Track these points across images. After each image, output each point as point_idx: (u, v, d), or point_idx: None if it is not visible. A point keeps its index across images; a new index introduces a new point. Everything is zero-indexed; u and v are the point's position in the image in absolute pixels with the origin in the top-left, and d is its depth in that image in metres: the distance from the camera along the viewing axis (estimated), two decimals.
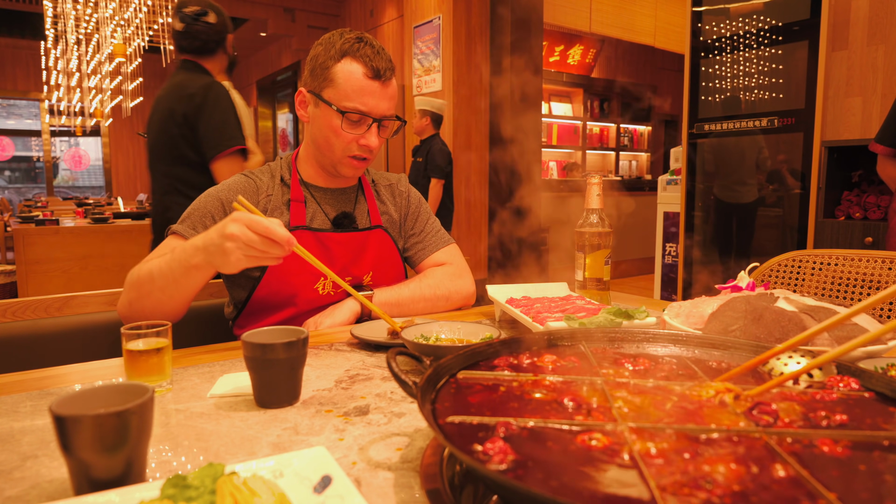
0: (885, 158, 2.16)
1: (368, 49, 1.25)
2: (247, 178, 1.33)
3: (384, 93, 1.26)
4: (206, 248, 1.00)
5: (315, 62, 1.27)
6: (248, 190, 1.30)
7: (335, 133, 1.26)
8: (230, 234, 0.95)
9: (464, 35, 4.71)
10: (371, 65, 1.24)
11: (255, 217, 0.96)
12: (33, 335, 1.24)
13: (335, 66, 1.24)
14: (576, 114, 8.39)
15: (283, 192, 1.34)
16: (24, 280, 3.80)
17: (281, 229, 0.96)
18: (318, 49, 1.28)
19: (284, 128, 10.30)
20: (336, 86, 1.24)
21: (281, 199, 1.33)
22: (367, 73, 1.24)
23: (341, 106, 1.24)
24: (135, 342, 0.83)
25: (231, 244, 0.95)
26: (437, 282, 1.41)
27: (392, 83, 1.28)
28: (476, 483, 0.55)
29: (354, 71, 1.23)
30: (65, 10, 6.08)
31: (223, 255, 0.97)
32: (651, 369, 0.69)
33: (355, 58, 1.24)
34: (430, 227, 1.51)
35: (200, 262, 1.03)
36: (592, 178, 1.31)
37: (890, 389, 0.60)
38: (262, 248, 0.96)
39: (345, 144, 1.27)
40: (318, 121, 1.29)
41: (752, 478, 0.44)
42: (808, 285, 1.60)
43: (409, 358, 0.71)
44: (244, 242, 0.95)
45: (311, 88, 1.29)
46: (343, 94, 1.24)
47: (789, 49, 3.01)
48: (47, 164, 10.55)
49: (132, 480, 0.55)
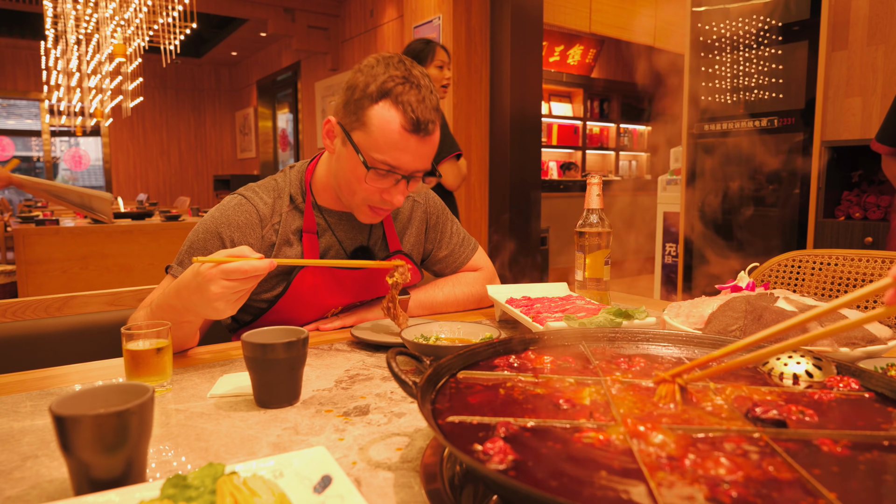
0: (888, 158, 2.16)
1: (413, 94, 1.06)
2: (248, 203, 1.18)
3: (421, 149, 1.10)
4: (193, 310, 0.94)
5: (351, 93, 1.10)
6: (250, 223, 1.16)
7: (357, 181, 1.12)
8: (215, 295, 0.88)
9: (464, 35, 4.71)
10: (411, 116, 1.06)
11: (227, 267, 0.88)
12: (33, 335, 1.24)
13: (371, 107, 1.07)
14: (576, 114, 8.39)
15: (294, 217, 1.21)
16: (24, 280, 3.79)
17: (255, 262, 0.89)
18: (359, 78, 1.09)
19: (284, 128, 10.30)
20: (368, 131, 1.08)
21: (291, 226, 1.20)
22: (406, 125, 1.06)
23: (369, 157, 1.08)
24: (135, 342, 0.83)
25: (220, 303, 0.89)
26: (469, 288, 1.41)
27: (434, 135, 1.11)
28: (476, 483, 0.55)
29: (391, 120, 1.06)
30: (65, 10, 6.08)
31: (216, 312, 0.91)
32: (651, 369, 0.69)
33: (396, 104, 1.06)
34: (455, 238, 1.43)
35: (192, 319, 0.98)
36: (592, 178, 1.31)
37: (890, 389, 0.60)
38: (246, 286, 0.91)
39: (366, 194, 1.13)
40: (342, 161, 1.14)
41: (753, 477, 0.44)
42: (808, 285, 1.60)
43: (409, 358, 0.71)
44: (230, 294, 0.89)
45: (341, 122, 1.12)
46: (373, 144, 1.08)
47: (789, 49, 3.01)
48: (47, 164, 10.55)
49: (132, 480, 0.55)
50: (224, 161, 11.72)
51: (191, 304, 0.93)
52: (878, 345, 0.85)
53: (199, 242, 1.14)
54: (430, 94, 1.09)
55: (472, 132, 4.75)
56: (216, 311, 0.91)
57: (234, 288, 0.89)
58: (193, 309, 0.94)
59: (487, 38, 4.81)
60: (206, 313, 0.93)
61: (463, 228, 1.48)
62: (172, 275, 1.13)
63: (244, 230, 1.16)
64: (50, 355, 1.22)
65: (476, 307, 1.43)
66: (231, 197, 1.20)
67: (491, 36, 4.79)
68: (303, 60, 8.64)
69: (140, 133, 11.03)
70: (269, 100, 10.42)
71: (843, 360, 0.66)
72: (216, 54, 10.51)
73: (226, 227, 1.15)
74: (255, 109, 10.48)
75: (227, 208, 1.17)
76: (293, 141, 9.89)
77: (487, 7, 4.75)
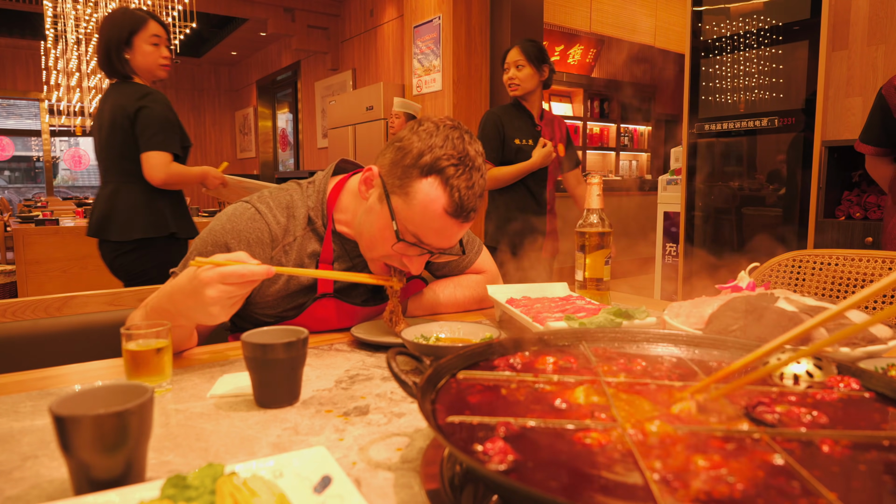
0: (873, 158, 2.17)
1: (464, 180, 1.02)
2: (261, 219, 1.13)
3: (457, 232, 1.06)
4: (186, 315, 0.92)
5: (402, 156, 1.04)
6: (261, 241, 1.12)
7: (383, 242, 1.07)
8: (211, 299, 0.86)
9: (464, 35, 4.71)
10: (458, 202, 1.01)
11: (225, 270, 0.86)
12: (33, 335, 1.24)
13: (419, 179, 1.01)
14: (576, 114, 8.39)
15: (311, 241, 1.16)
16: (24, 280, 3.79)
17: (254, 267, 0.88)
18: (414, 140, 1.04)
19: (284, 128, 10.31)
20: (409, 202, 1.02)
21: (306, 249, 1.16)
22: (450, 209, 1.01)
23: (402, 228, 1.04)
24: (134, 342, 0.83)
25: (215, 308, 0.88)
26: (471, 291, 1.40)
27: (472, 219, 1.06)
28: (476, 483, 0.55)
29: (435, 199, 1.01)
30: (65, 10, 6.08)
31: (210, 318, 0.89)
32: (651, 369, 0.69)
33: (445, 185, 1.01)
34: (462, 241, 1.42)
35: (185, 323, 0.96)
36: (592, 178, 1.31)
37: (890, 389, 0.60)
38: (243, 291, 0.89)
39: (386, 253, 1.09)
40: (372, 216, 1.08)
41: (753, 477, 0.44)
42: (808, 285, 1.60)
43: (409, 358, 0.71)
44: (226, 299, 0.88)
45: (384, 178, 1.07)
46: (410, 217, 1.03)
47: (789, 49, 3.01)
48: (47, 163, 10.55)
49: (132, 480, 0.55)
50: (224, 161, 11.72)
51: (184, 308, 0.91)
52: (878, 345, 0.85)
53: (205, 250, 1.11)
54: (481, 178, 1.05)
55: (472, 132, 4.74)
56: (210, 315, 0.89)
57: (230, 292, 0.87)
58: (186, 313, 0.92)
59: (487, 38, 4.81)
60: (199, 318, 0.91)
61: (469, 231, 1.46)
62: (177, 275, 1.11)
63: (253, 247, 1.12)
64: (50, 355, 1.22)
65: (477, 308, 1.43)
66: (245, 207, 1.15)
67: (491, 36, 4.79)
68: (303, 60, 8.64)
69: None
70: (268, 100, 10.43)
71: (843, 360, 0.66)
72: (216, 54, 10.51)
73: (234, 241, 1.11)
74: (255, 109, 10.47)
75: (240, 221, 1.13)
76: (293, 141, 9.89)
77: (487, 7, 4.75)
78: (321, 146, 8.21)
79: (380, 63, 6.86)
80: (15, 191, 11.90)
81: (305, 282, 1.16)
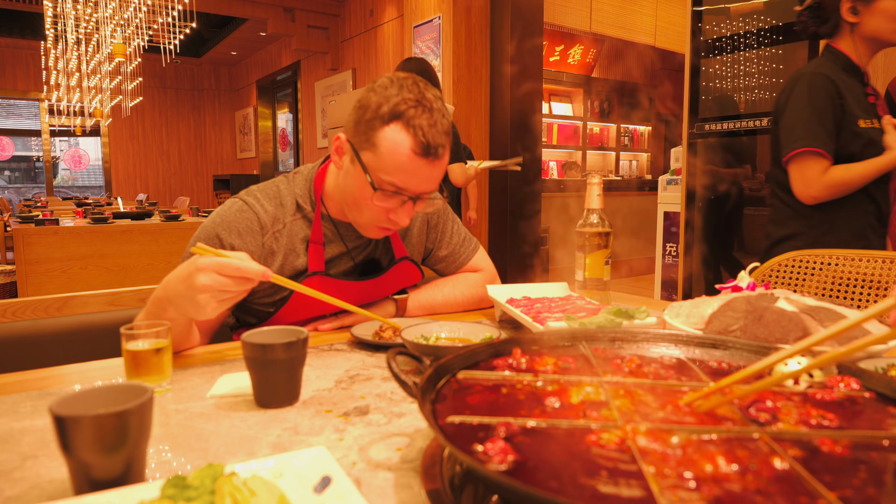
0: None
1: (425, 118, 1.06)
2: (249, 210, 1.17)
3: (430, 172, 1.09)
4: (175, 301, 0.91)
5: (363, 113, 1.09)
6: (251, 230, 1.16)
7: (365, 200, 1.11)
8: (202, 286, 0.86)
9: (464, 35, 4.71)
10: (422, 139, 1.05)
11: (223, 260, 0.87)
12: (33, 335, 1.24)
13: (382, 129, 1.06)
14: (576, 114, 8.39)
15: (301, 227, 1.20)
16: (24, 280, 3.79)
17: (252, 265, 0.88)
18: (371, 98, 1.08)
19: (284, 127, 10.30)
20: (378, 153, 1.07)
21: (297, 235, 1.19)
22: (416, 148, 1.05)
23: (377, 179, 1.08)
24: (135, 342, 0.83)
25: (204, 296, 0.87)
26: (469, 290, 1.41)
27: (443, 158, 1.10)
28: (476, 483, 0.55)
29: (401, 143, 1.05)
30: (65, 10, 6.08)
31: (197, 307, 0.88)
32: (651, 369, 0.69)
33: (407, 126, 1.05)
34: (457, 238, 1.43)
35: (174, 315, 0.94)
36: (592, 178, 1.31)
37: (890, 389, 0.60)
38: (236, 289, 0.88)
39: (373, 214, 1.13)
40: (350, 179, 1.13)
41: (753, 477, 0.44)
42: (808, 285, 1.60)
43: (409, 358, 0.71)
44: (218, 290, 0.87)
45: (351, 140, 1.12)
46: (382, 165, 1.07)
47: (789, 49, 3.01)
48: (47, 163, 10.55)
49: (132, 480, 0.55)
50: (224, 161, 11.72)
51: (175, 295, 0.91)
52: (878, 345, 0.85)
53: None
54: (443, 117, 1.08)
55: (473, 132, 4.75)
56: (197, 305, 0.87)
57: (223, 284, 0.87)
58: (176, 301, 0.91)
59: (487, 38, 4.81)
60: (187, 308, 0.90)
61: (464, 228, 1.47)
62: None
63: (244, 236, 1.15)
64: (50, 355, 1.22)
65: (476, 308, 1.43)
66: (232, 201, 1.20)
67: (491, 36, 4.79)
68: (302, 60, 8.64)
69: (140, 133, 11.03)
70: (268, 99, 10.42)
71: (843, 361, 0.66)
72: (216, 54, 10.51)
73: (226, 232, 1.14)
74: (255, 109, 10.48)
75: (228, 213, 1.17)
76: (293, 141, 9.89)
77: (487, 7, 4.75)
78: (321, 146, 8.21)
79: (380, 63, 6.86)
80: (15, 191, 11.90)
81: (299, 266, 1.19)
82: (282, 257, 1.19)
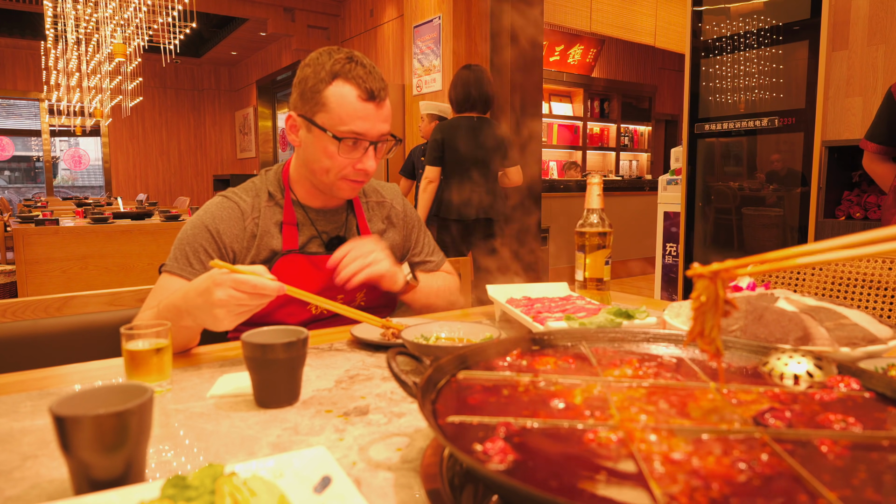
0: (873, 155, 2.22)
1: (360, 69, 1.18)
2: (229, 201, 1.26)
3: (379, 114, 1.21)
4: (193, 313, 0.96)
5: (304, 85, 1.20)
6: (233, 217, 1.24)
7: (330, 158, 1.20)
8: (218, 301, 0.91)
9: (464, 35, 4.71)
10: (365, 86, 1.17)
11: (240, 276, 0.91)
12: (33, 335, 1.24)
13: (327, 89, 1.18)
14: (576, 114, 8.39)
15: (274, 212, 1.28)
16: (24, 280, 3.79)
17: (269, 281, 0.92)
18: (307, 71, 1.20)
19: (284, 127, 10.30)
20: (329, 110, 1.18)
21: (271, 219, 1.27)
22: (361, 94, 1.17)
23: (336, 131, 1.18)
24: (134, 342, 0.83)
25: (221, 310, 0.92)
26: (452, 287, 1.49)
27: (386, 103, 1.23)
28: (476, 483, 0.55)
29: (347, 93, 1.17)
30: (65, 10, 6.08)
31: (214, 320, 0.93)
32: (651, 369, 0.69)
33: (347, 79, 1.17)
34: (428, 247, 1.52)
35: (190, 324, 0.99)
36: (593, 178, 1.31)
37: (890, 389, 0.60)
38: (252, 304, 0.93)
39: (340, 168, 1.22)
40: (311, 146, 1.22)
41: (753, 477, 0.44)
42: (808, 285, 1.60)
43: (409, 358, 0.71)
44: (234, 305, 0.91)
45: (302, 113, 1.22)
46: (337, 119, 1.18)
47: (789, 49, 3.01)
48: (47, 163, 10.55)
49: (132, 480, 0.55)
50: (224, 161, 11.72)
51: (192, 307, 0.95)
52: (878, 345, 0.85)
53: (187, 238, 1.21)
54: (374, 68, 1.22)
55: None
56: (215, 318, 0.93)
57: (239, 299, 0.91)
58: (193, 312, 0.96)
59: (487, 38, 4.81)
60: (204, 320, 0.95)
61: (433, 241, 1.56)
62: (167, 272, 1.19)
63: (228, 222, 1.24)
64: (50, 355, 1.22)
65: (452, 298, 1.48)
66: (213, 199, 1.29)
67: (491, 36, 4.79)
68: (302, 60, 8.64)
69: (140, 133, 11.03)
70: (268, 99, 10.42)
71: (843, 360, 0.66)
72: (216, 54, 10.51)
73: (211, 221, 1.22)
74: (255, 109, 10.47)
75: (211, 206, 1.26)
76: None
77: (487, 7, 4.75)
78: None
79: (380, 63, 6.86)
80: (15, 191, 11.90)
81: (275, 245, 1.26)
82: (259, 239, 1.25)
